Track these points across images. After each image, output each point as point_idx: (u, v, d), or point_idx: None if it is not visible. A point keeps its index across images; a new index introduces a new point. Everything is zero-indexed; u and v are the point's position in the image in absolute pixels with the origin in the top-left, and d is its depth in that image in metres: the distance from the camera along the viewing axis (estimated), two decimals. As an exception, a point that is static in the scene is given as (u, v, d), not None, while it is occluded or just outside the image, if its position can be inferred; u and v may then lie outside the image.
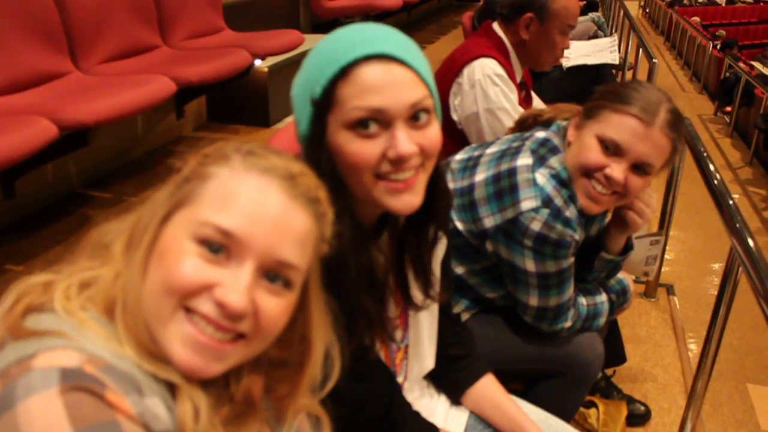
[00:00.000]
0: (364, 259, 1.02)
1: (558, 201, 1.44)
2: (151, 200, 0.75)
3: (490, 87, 2.16)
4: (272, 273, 0.72)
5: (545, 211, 1.43)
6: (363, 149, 0.92)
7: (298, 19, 5.56)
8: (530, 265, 1.48)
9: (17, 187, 2.52)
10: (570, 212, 1.45)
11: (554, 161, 1.48)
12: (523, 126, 1.67)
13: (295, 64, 4.41)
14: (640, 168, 1.41)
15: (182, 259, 0.69)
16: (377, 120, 0.91)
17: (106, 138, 3.26)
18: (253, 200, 0.71)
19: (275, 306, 0.72)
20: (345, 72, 0.90)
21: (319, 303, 0.81)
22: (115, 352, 0.67)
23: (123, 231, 0.75)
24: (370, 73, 0.90)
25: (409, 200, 0.95)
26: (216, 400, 0.76)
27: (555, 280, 1.50)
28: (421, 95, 0.92)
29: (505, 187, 1.47)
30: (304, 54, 1.04)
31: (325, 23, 5.77)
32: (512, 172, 1.47)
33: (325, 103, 0.92)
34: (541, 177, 1.45)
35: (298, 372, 0.82)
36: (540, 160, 1.48)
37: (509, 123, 1.99)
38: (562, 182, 1.46)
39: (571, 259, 1.50)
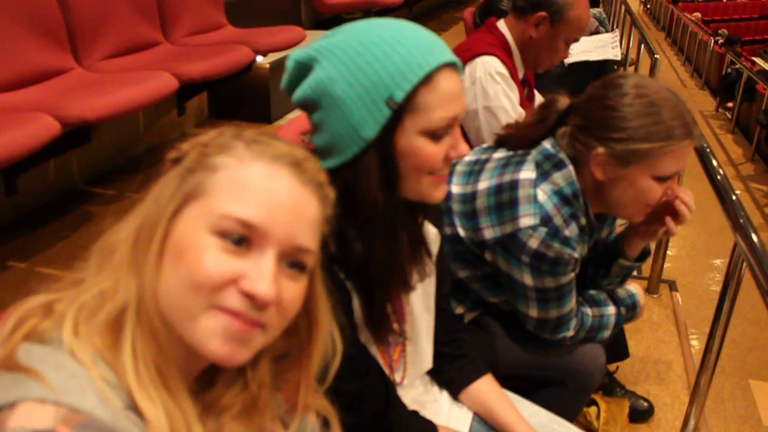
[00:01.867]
0: (401, 257, 1.10)
1: (557, 220, 1.41)
2: (152, 197, 0.74)
3: (490, 85, 2.15)
4: (290, 258, 0.72)
5: (543, 230, 1.40)
6: (434, 152, 0.98)
7: (299, 15, 5.55)
8: (528, 279, 1.46)
9: (19, 184, 2.51)
10: (569, 231, 1.42)
11: (558, 177, 1.43)
12: (500, 144, 1.58)
13: (291, 56, 4.42)
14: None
15: (205, 254, 0.68)
16: (450, 127, 0.98)
17: (108, 135, 3.26)
18: (268, 189, 0.71)
19: (295, 291, 0.73)
20: (429, 79, 0.95)
21: (322, 284, 0.81)
22: (102, 397, 0.64)
23: (128, 235, 0.73)
24: (449, 81, 0.97)
25: (445, 189, 1.04)
26: (230, 393, 0.77)
27: (554, 294, 1.48)
28: (466, 100, 1.02)
29: (505, 201, 1.44)
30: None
31: (327, 19, 5.76)
32: (514, 185, 1.44)
33: (405, 107, 0.95)
34: (543, 194, 1.42)
35: (307, 354, 0.82)
36: (543, 175, 1.44)
37: (507, 122, 1.98)
38: (565, 199, 1.43)
39: (571, 275, 1.48)
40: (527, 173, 1.44)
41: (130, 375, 0.67)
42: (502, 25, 2.28)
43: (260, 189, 0.71)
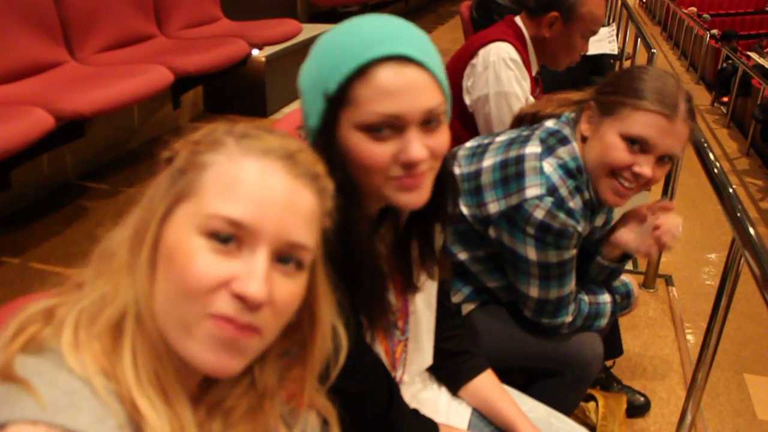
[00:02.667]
0: (372, 250, 1.03)
1: (563, 191, 1.43)
2: (147, 198, 0.72)
3: (503, 70, 2.14)
4: (285, 256, 0.70)
5: (549, 200, 1.42)
6: (375, 151, 0.92)
7: (295, 8, 5.54)
8: (532, 253, 1.47)
9: (12, 178, 2.50)
10: (574, 203, 1.44)
11: (563, 152, 1.47)
12: (521, 123, 1.65)
13: (292, 53, 4.41)
14: (664, 159, 1.40)
15: (194, 258, 0.66)
16: (392, 125, 0.91)
17: (102, 129, 3.24)
18: (257, 185, 0.69)
19: (290, 290, 0.71)
20: (362, 71, 0.89)
21: (324, 279, 0.79)
22: (97, 414, 0.62)
23: (124, 238, 0.72)
24: (387, 75, 0.90)
25: (416, 197, 0.96)
26: (235, 393, 0.76)
27: (556, 271, 1.49)
28: (437, 102, 0.92)
29: (511, 174, 1.46)
30: (301, 43, 1.03)
31: (323, 13, 5.74)
32: (520, 159, 1.46)
33: (339, 100, 0.91)
34: (549, 166, 1.45)
35: (309, 351, 0.80)
36: (549, 150, 1.47)
37: (518, 108, 1.97)
38: (570, 173, 1.45)
39: (573, 251, 1.49)
40: (533, 148, 1.47)
41: (130, 381, 0.66)
42: (519, 21, 2.26)
43: (249, 185, 0.68)
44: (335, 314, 0.81)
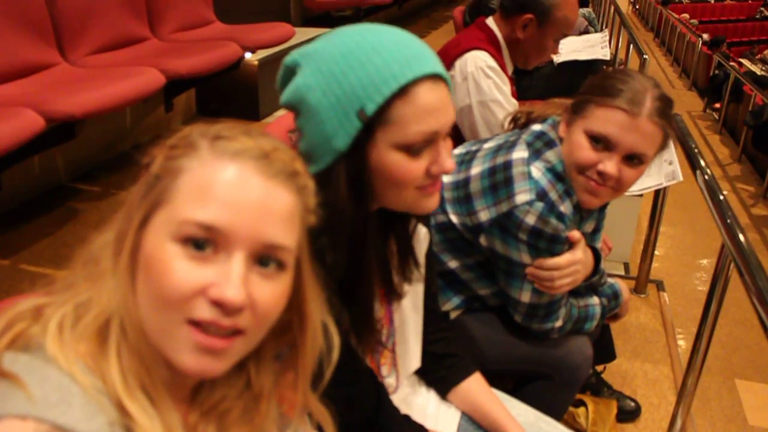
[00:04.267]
0: (372, 269, 1.05)
1: (552, 195, 1.43)
2: (126, 204, 0.71)
3: (482, 79, 2.14)
4: (264, 258, 0.69)
5: (539, 205, 1.41)
6: (411, 168, 0.94)
7: (288, 12, 5.53)
8: (526, 258, 1.46)
9: (3, 179, 2.48)
10: (564, 207, 1.44)
11: (550, 155, 1.47)
12: (516, 124, 1.66)
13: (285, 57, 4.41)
14: (632, 159, 1.39)
15: (170, 267, 0.65)
16: (428, 141, 0.94)
17: (94, 131, 3.23)
18: (230, 188, 0.67)
19: (271, 292, 0.70)
20: (404, 91, 0.90)
21: (311, 277, 0.78)
22: (87, 412, 0.62)
23: (108, 242, 0.71)
24: (426, 94, 0.92)
25: (436, 200, 1.00)
26: (230, 395, 0.76)
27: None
28: (454, 113, 0.96)
29: (500, 181, 1.45)
30: (294, 47, 1.02)
31: (316, 17, 5.74)
32: (507, 165, 1.46)
33: (376, 120, 0.91)
34: (537, 170, 1.44)
35: (301, 350, 0.79)
36: (535, 153, 1.47)
37: (502, 115, 1.98)
38: (558, 176, 1.45)
39: None
40: (520, 153, 1.47)
41: (118, 385, 0.66)
42: (491, 22, 2.27)
43: (221, 189, 0.67)
44: (325, 312, 0.81)
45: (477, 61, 2.15)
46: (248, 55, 3.73)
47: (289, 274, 0.73)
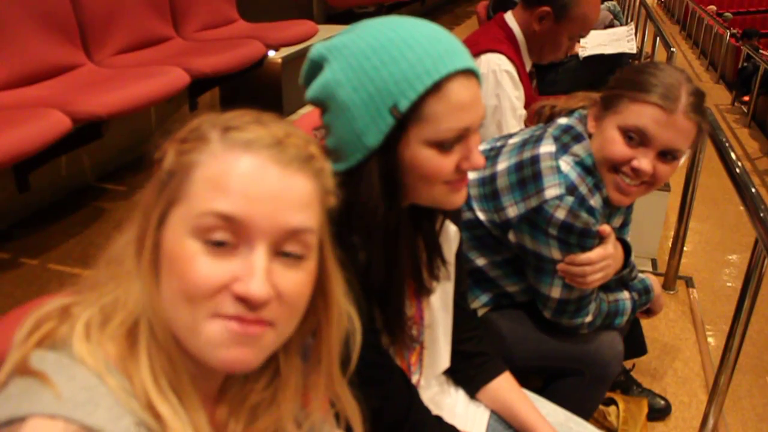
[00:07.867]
0: (405, 269, 1.06)
1: (583, 189, 1.41)
2: (142, 203, 0.71)
3: (503, 77, 2.12)
4: (287, 245, 0.68)
5: (570, 199, 1.39)
6: (442, 164, 0.94)
7: (311, 9, 5.53)
8: (557, 254, 1.44)
9: (31, 180, 2.51)
10: (594, 201, 1.42)
11: (578, 148, 1.44)
12: (541, 116, 1.64)
13: (310, 50, 4.41)
14: (666, 154, 1.37)
15: (191, 264, 0.65)
16: (460, 137, 0.93)
17: (120, 130, 3.25)
18: (245, 178, 0.66)
19: (296, 280, 0.69)
20: (438, 87, 0.89)
21: (333, 258, 0.77)
22: (114, 412, 0.62)
23: (129, 242, 0.71)
24: (459, 90, 0.91)
25: (464, 195, 0.99)
26: (258, 387, 0.76)
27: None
28: (484, 108, 0.95)
29: (528, 176, 1.43)
30: (317, 44, 1.01)
31: (339, 14, 5.74)
32: (535, 160, 1.44)
33: (410, 116, 0.90)
34: (565, 164, 1.42)
35: (326, 333, 0.78)
36: (563, 147, 1.45)
37: (511, 120, 1.97)
38: (587, 170, 1.43)
39: None
40: (547, 147, 1.45)
41: (149, 387, 0.65)
42: (509, 17, 2.24)
43: (237, 179, 0.66)
44: (346, 293, 0.79)
45: (491, 65, 2.13)
46: (271, 53, 3.73)
47: (313, 259, 0.72)
